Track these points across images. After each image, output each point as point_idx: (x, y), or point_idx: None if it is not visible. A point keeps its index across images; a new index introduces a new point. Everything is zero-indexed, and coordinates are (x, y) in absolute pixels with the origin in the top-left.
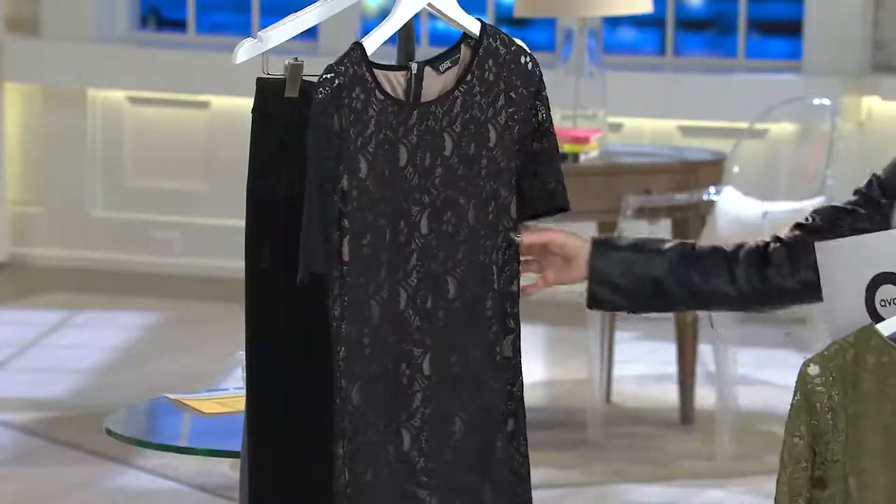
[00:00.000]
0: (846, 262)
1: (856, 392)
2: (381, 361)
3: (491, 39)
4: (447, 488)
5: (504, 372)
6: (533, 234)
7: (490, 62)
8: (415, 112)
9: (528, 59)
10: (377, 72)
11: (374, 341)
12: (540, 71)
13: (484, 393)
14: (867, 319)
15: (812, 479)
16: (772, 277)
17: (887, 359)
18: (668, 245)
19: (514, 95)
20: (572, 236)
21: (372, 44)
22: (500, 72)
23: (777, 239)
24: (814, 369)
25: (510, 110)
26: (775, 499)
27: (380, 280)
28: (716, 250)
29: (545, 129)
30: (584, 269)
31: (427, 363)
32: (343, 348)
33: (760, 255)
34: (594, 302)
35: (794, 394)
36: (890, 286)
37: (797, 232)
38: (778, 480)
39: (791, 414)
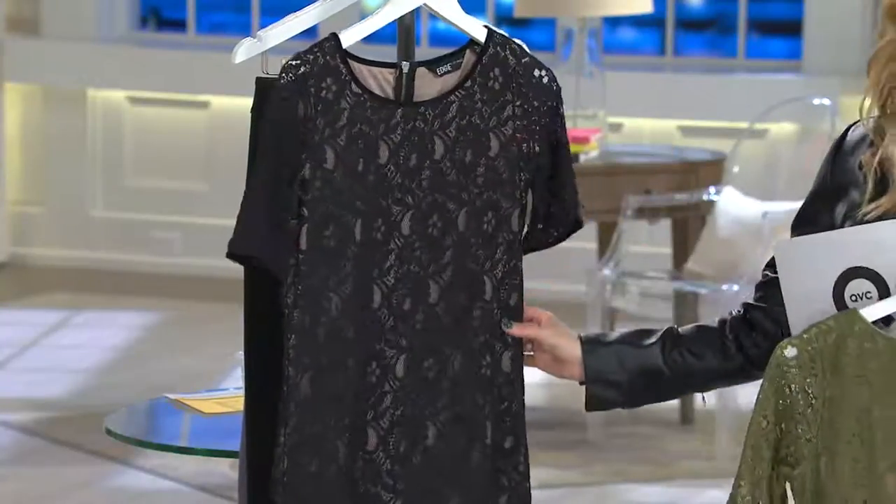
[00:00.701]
0: (810, 259)
1: (835, 376)
2: (337, 355)
3: (499, 48)
4: (414, 494)
5: (501, 388)
6: (522, 328)
7: (496, 71)
8: (399, 110)
9: (543, 72)
10: (359, 66)
11: (330, 334)
12: (558, 86)
13: (463, 402)
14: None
15: (776, 458)
16: (761, 343)
17: (870, 344)
18: (655, 335)
19: (527, 108)
20: (562, 336)
21: (350, 36)
22: (509, 82)
23: (749, 306)
24: (790, 351)
25: (521, 123)
26: (737, 476)
27: (342, 274)
28: (702, 329)
29: (562, 146)
30: (577, 370)
31: (401, 365)
32: (293, 336)
33: (744, 323)
34: (593, 403)
35: (766, 375)
36: (860, 280)
37: (762, 292)
38: (741, 457)
39: (760, 395)
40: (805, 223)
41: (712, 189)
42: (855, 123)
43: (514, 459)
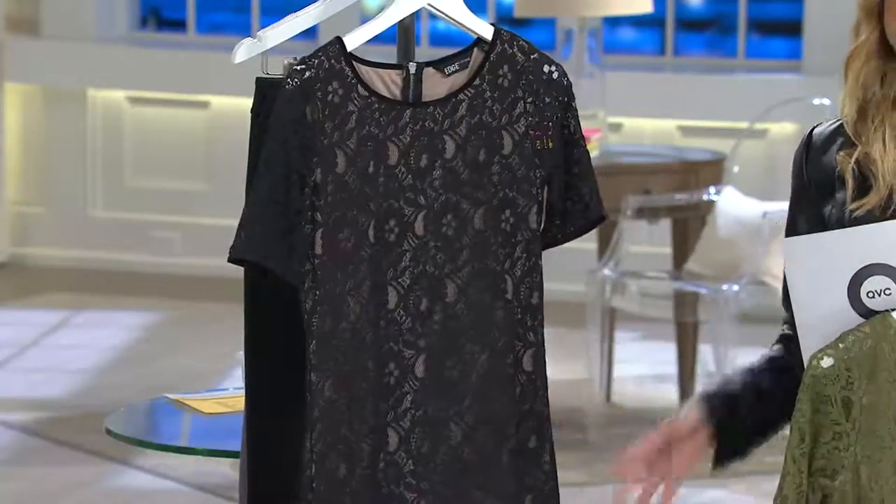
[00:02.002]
0: (822, 257)
1: (871, 382)
2: (357, 359)
3: (506, 45)
4: (438, 494)
5: (524, 387)
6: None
7: (505, 68)
8: (407, 111)
9: (553, 68)
10: (365, 68)
11: (351, 338)
12: (569, 81)
13: (488, 403)
14: (850, 312)
15: (811, 469)
16: None
17: None
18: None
19: (539, 104)
20: (683, 422)
21: (354, 39)
22: (518, 79)
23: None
24: (826, 361)
25: (533, 119)
26: (779, 490)
27: (359, 277)
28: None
29: (576, 141)
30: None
31: (421, 365)
32: (314, 342)
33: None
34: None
35: (801, 386)
36: (878, 277)
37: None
38: (782, 470)
39: (797, 406)
40: (797, 227)
41: (712, 189)
42: (819, 124)
43: (538, 459)
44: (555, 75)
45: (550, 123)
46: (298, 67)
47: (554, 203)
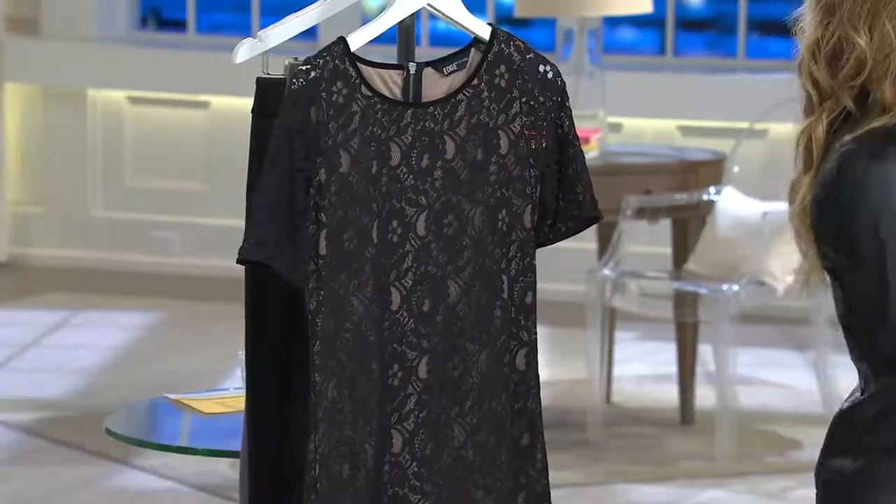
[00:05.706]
0: None
1: None
2: (361, 360)
3: (503, 45)
4: (442, 496)
5: (517, 385)
6: None
7: (502, 68)
8: (408, 112)
9: (548, 67)
10: (367, 68)
11: (354, 338)
12: (563, 81)
13: (491, 402)
14: None
15: None
16: None
17: None
18: None
19: (533, 104)
20: None
21: (357, 39)
22: (514, 79)
23: None
24: None
25: (528, 119)
26: None
27: (363, 278)
28: None
29: (570, 140)
30: None
31: (423, 366)
32: (318, 342)
33: None
34: None
35: None
36: None
37: None
38: None
39: None
40: None
41: (712, 189)
42: None
43: (531, 457)
44: (549, 75)
45: (545, 123)
46: (304, 67)
47: (547, 202)
